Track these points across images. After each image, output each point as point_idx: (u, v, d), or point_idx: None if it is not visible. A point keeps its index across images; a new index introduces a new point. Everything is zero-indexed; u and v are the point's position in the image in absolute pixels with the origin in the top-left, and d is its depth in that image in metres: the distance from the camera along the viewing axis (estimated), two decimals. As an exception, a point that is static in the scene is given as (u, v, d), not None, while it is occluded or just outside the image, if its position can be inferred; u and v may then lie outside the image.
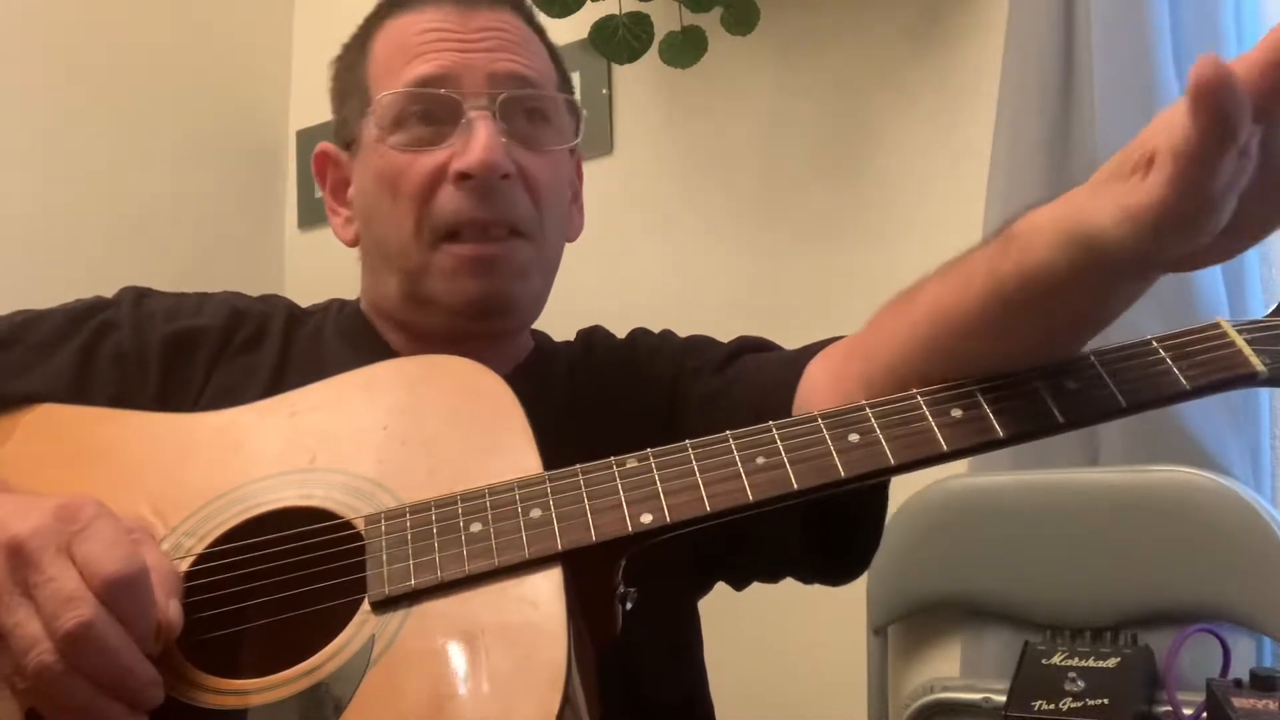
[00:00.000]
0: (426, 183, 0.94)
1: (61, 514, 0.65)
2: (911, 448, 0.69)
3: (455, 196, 0.93)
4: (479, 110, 0.94)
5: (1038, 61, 1.53)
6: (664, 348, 1.06)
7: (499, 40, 0.97)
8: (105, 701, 0.63)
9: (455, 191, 0.93)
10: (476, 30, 0.97)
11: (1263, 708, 1.07)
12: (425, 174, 0.94)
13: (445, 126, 0.95)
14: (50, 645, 0.61)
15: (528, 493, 0.72)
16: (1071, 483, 1.47)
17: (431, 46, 0.96)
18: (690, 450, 0.72)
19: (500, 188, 0.94)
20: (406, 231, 0.95)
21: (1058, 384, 0.69)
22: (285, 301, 1.07)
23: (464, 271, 0.94)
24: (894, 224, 1.75)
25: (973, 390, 0.70)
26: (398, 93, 0.96)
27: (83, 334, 0.95)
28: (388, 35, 1.00)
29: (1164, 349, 0.69)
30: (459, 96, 0.94)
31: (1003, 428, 0.69)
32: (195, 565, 0.74)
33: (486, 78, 0.95)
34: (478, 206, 0.93)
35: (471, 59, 0.95)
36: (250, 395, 0.89)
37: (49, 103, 2.11)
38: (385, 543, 0.71)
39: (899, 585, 1.57)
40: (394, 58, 0.98)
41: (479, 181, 0.92)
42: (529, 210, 0.96)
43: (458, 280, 0.94)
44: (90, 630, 0.61)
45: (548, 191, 0.98)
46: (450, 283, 0.94)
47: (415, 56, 0.96)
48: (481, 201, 0.93)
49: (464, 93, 0.94)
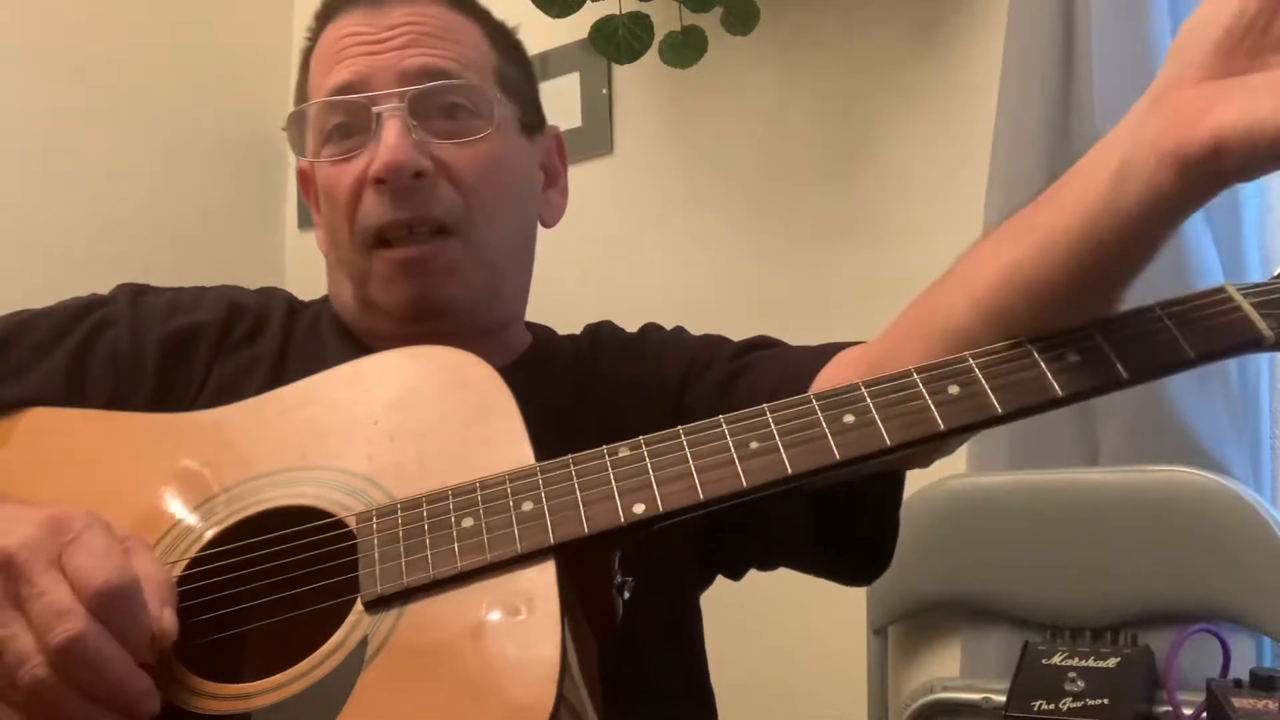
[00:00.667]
0: (352, 191, 0.94)
1: (51, 525, 0.65)
2: (908, 427, 0.67)
3: (376, 202, 0.93)
4: (389, 110, 0.92)
5: (1038, 61, 1.52)
6: (676, 343, 1.05)
7: (411, 35, 0.95)
8: (100, 713, 0.62)
9: (375, 197, 0.93)
10: (387, 29, 0.95)
11: (1263, 708, 1.07)
12: (350, 183, 0.94)
13: (360, 132, 0.94)
14: (42, 659, 0.61)
15: (519, 485, 0.71)
16: (1071, 483, 1.47)
17: (346, 54, 0.95)
18: (683, 437, 0.71)
19: (417, 186, 0.92)
20: (344, 240, 0.96)
21: (1057, 356, 0.66)
22: (284, 294, 1.07)
23: (396, 276, 0.94)
24: (894, 224, 1.75)
25: (969, 365, 0.68)
26: (315, 104, 0.96)
27: (79, 332, 0.95)
28: (317, 52, 1.00)
29: (1167, 316, 0.66)
30: (368, 100, 0.93)
31: (1001, 404, 0.66)
32: (189, 570, 0.74)
33: (396, 76, 0.93)
34: (395, 208, 0.92)
35: (382, 59, 0.94)
36: (250, 389, 0.88)
37: (49, 102, 2.11)
38: (377, 540, 0.71)
39: (899, 585, 1.57)
40: (317, 72, 0.98)
41: (391, 184, 0.91)
42: (454, 205, 0.94)
43: (393, 286, 0.94)
44: (81, 643, 0.61)
45: (477, 183, 0.95)
46: (387, 288, 0.94)
47: (332, 66, 0.96)
48: (398, 203, 0.92)
49: (375, 95, 0.93)
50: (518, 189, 1.01)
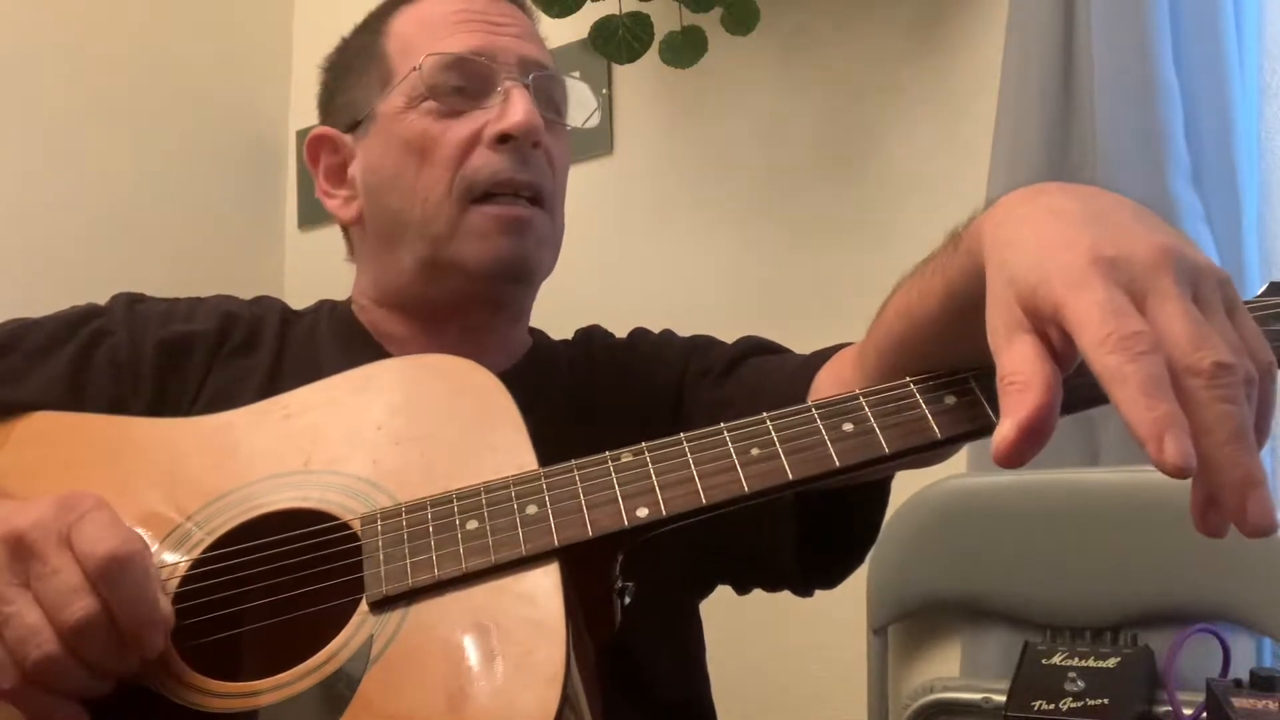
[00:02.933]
0: (462, 146, 0.96)
1: (61, 505, 0.66)
2: (906, 436, 0.69)
3: (493, 158, 0.96)
4: (515, 82, 0.97)
5: (1038, 61, 1.52)
6: (666, 348, 1.06)
7: (520, 29, 1.02)
8: (104, 686, 0.65)
9: (491, 154, 0.96)
10: (500, 15, 1.01)
11: (1263, 708, 1.07)
12: (461, 138, 0.96)
13: (479, 95, 0.98)
14: (52, 634, 0.62)
15: (523, 489, 0.72)
16: (1071, 483, 1.47)
17: (466, 26, 0.99)
18: (685, 443, 0.72)
19: (534, 154, 0.97)
20: (436, 194, 0.96)
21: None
22: (278, 303, 1.07)
23: (496, 231, 0.96)
24: (894, 224, 1.75)
25: (966, 377, 0.70)
26: (442, 55, 0.98)
27: (76, 341, 0.95)
28: (412, 17, 1.03)
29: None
30: (498, 68, 0.98)
31: (998, 414, 0.68)
32: (193, 570, 0.74)
33: (518, 58, 0.99)
34: (515, 168, 0.96)
35: (502, 40, 0.99)
36: (245, 398, 0.89)
37: (49, 102, 2.11)
38: (382, 542, 0.71)
39: (899, 585, 1.57)
40: (423, 34, 1.00)
41: (519, 143, 0.95)
42: (551, 182, 0.99)
43: (489, 240, 0.96)
44: (96, 620, 0.63)
45: (561, 171, 1.02)
46: (482, 242, 0.96)
47: (452, 32, 0.99)
48: (519, 163, 0.96)
49: (499, 65, 0.98)
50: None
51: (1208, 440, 0.49)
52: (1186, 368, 0.49)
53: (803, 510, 0.89)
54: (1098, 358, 0.50)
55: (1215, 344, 0.50)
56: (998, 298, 0.57)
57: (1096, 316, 0.50)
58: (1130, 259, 0.53)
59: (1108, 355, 0.49)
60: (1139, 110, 1.43)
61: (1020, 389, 0.53)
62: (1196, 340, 0.50)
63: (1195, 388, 0.49)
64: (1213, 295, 0.53)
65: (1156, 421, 0.47)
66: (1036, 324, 0.54)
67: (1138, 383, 0.48)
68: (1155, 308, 0.51)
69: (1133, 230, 0.55)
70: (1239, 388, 0.50)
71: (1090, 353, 0.50)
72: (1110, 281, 0.52)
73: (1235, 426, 0.49)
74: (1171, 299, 0.51)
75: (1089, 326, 0.50)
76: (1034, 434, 0.52)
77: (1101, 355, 0.50)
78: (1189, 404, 0.49)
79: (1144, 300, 0.52)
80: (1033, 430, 0.52)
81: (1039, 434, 0.52)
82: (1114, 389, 0.49)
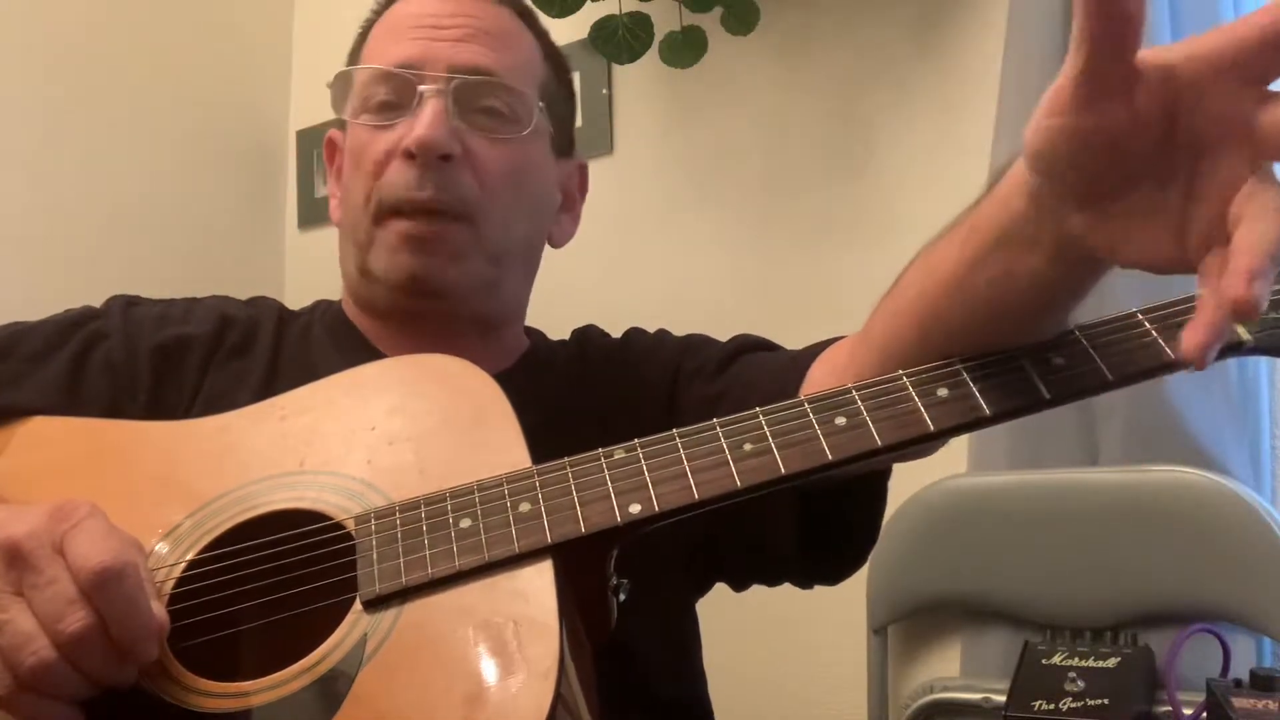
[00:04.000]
0: (381, 158, 0.97)
1: (55, 514, 0.67)
2: (899, 428, 0.69)
3: (402, 173, 0.95)
4: (433, 92, 0.96)
5: (1038, 61, 1.52)
6: (660, 348, 1.06)
7: (470, 29, 0.99)
8: (96, 691, 0.65)
9: (403, 168, 0.95)
10: (450, 16, 0.99)
11: (1263, 708, 1.07)
12: (381, 149, 0.97)
13: (402, 108, 0.97)
14: (47, 642, 0.63)
15: (516, 487, 0.72)
16: (1071, 483, 1.46)
17: (411, 33, 0.99)
18: (678, 439, 0.72)
19: (442, 168, 0.95)
20: (359, 205, 0.98)
21: (1044, 360, 0.68)
22: (274, 304, 1.07)
23: (402, 248, 0.96)
24: (894, 223, 1.75)
25: (958, 369, 0.70)
26: (366, 69, 1.00)
27: (73, 345, 0.96)
28: (386, 21, 1.04)
29: (1149, 321, 0.68)
30: (416, 79, 0.97)
31: (989, 405, 0.68)
32: (188, 571, 0.74)
33: (447, 64, 0.97)
34: (417, 185, 0.95)
35: (437, 47, 0.98)
36: (242, 399, 0.89)
37: (49, 102, 2.11)
38: (375, 541, 0.71)
39: (899, 585, 1.57)
40: (379, 42, 1.02)
41: (421, 158, 0.94)
42: (470, 193, 0.97)
43: (396, 256, 0.96)
44: (92, 632, 0.63)
45: (498, 179, 0.98)
46: (390, 258, 0.96)
47: (396, 41, 0.99)
48: (421, 180, 0.95)
49: (424, 76, 0.97)
50: (534, 198, 1.03)
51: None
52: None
53: (804, 502, 0.89)
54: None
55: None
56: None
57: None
58: None
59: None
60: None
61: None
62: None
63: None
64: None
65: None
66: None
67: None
68: None
69: None
70: None
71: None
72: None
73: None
74: None
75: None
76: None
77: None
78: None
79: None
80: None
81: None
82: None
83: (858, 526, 0.92)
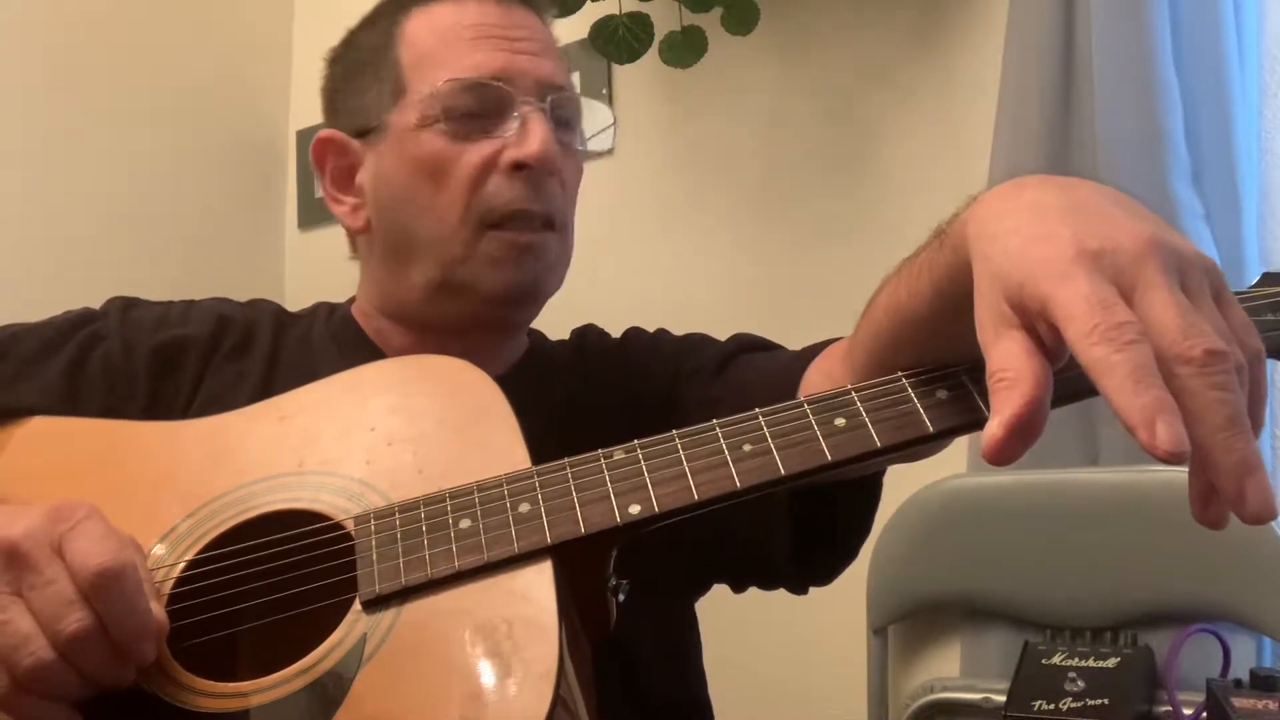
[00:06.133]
0: (478, 171, 0.95)
1: (53, 515, 0.66)
2: (898, 430, 0.69)
3: (508, 185, 0.95)
4: (532, 107, 0.96)
5: (1038, 61, 1.52)
6: (659, 348, 1.06)
7: (538, 44, 1.00)
8: (93, 690, 0.65)
9: (507, 181, 0.95)
10: (518, 29, 0.99)
11: (1263, 708, 1.07)
12: (477, 163, 0.95)
13: (495, 119, 0.96)
14: (46, 643, 0.63)
15: (516, 488, 0.72)
16: (1071, 483, 1.46)
17: (484, 43, 0.97)
18: (677, 440, 0.72)
19: (547, 182, 0.96)
20: (451, 218, 0.95)
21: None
22: (272, 306, 1.07)
23: (510, 257, 0.95)
24: (894, 223, 1.75)
25: (958, 372, 0.70)
26: (460, 80, 0.96)
27: (71, 346, 0.96)
28: (426, 24, 1.00)
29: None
30: (514, 92, 0.96)
31: (989, 408, 0.68)
32: (186, 572, 0.74)
33: (536, 80, 0.97)
34: (529, 197, 0.95)
35: (520, 61, 0.98)
36: (240, 401, 0.89)
37: (48, 103, 2.11)
38: (375, 542, 0.71)
39: (899, 585, 1.57)
40: (439, 49, 0.98)
41: (534, 173, 0.95)
42: (564, 205, 0.99)
43: (503, 267, 0.95)
44: (91, 633, 0.63)
45: (573, 191, 1.02)
46: (495, 268, 0.95)
47: (469, 50, 0.97)
48: (533, 192, 0.95)
49: (518, 89, 0.96)
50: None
51: (1202, 427, 0.48)
52: (1176, 356, 0.49)
53: (796, 508, 0.89)
54: (1085, 349, 0.49)
55: (1204, 331, 0.49)
56: (985, 295, 0.57)
57: (1083, 309, 0.50)
58: (1115, 250, 0.52)
59: (1095, 346, 0.49)
60: (1139, 110, 1.42)
61: (1009, 385, 0.52)
62: (1186, 328, 0.49)
63: (1186, 375, 0.49)
64: (1200, 283, 0.53)
65: (1146, 408, 0.47)
66: (1024, 320, 0.54)
67: (1126, 371, 0.48)
68: (1142, 298, 0.51)
69: (1116, 220, 0.54)
70: (1231, 374, 0.49)
71: (1078, 345, 0.50)
72: (1095, 273, 0.51)
73: (1230, 413, 0.48)
74: (1158, 288, 0.51)
75: (1075, 319, 0.50)
76: (1023, 431, 0.51)
77: (1089, 346, 0.49)
78: (1181, 392, 0.48)
79: (1131, 291, 0.51)
80: (1021, 427, 0.51)
81: (1028, 431, 0.52)
82: (1102, 379, 0.48)
83: (849, 522, 0.92)
